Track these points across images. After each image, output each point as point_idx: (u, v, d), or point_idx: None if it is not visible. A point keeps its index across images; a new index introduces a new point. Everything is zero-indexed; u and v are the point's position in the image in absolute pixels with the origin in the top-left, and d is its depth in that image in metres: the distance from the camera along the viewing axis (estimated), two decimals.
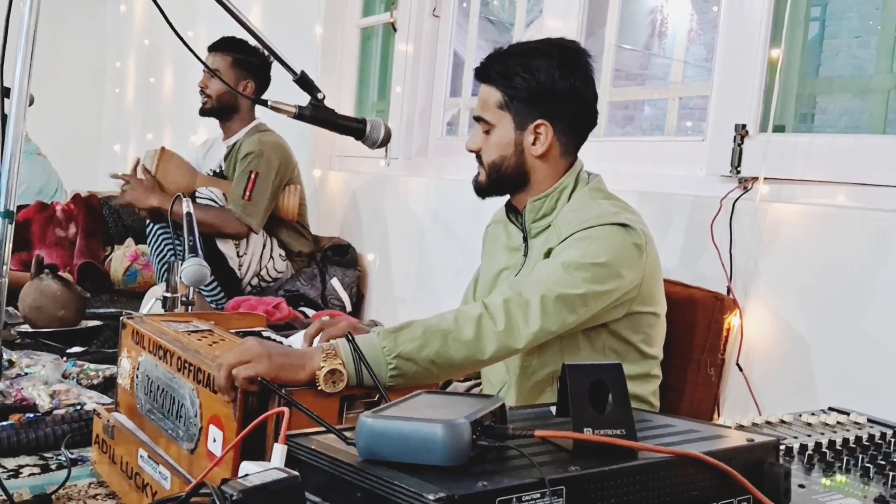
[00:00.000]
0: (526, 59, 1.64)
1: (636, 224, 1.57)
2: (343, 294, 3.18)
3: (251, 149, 3.12)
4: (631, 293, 1.56)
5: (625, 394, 0.90)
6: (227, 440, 1.24)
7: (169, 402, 1.43)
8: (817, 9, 2.17)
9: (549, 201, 1.65)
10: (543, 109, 1.63)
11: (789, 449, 1.11)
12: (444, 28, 3.30)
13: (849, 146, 1.76)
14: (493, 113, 1.66)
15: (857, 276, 1.65)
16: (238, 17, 1.58)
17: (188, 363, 1.36)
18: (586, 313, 1.49)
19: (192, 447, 1.34)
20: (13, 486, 1.55)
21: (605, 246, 1.51)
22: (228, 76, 3.18)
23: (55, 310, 2.72)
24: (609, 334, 1.61)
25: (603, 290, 1.49)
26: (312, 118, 1.71)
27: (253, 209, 3.05)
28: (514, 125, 1.64)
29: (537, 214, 1.67)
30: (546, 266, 1.52)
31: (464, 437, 0.81)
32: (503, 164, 1.66)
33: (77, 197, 4.05)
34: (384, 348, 1.33)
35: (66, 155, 5.29)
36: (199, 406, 1.33)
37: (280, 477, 0.80)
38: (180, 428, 1.38)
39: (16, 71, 1.29)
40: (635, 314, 1.61)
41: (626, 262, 1.52)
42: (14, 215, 1.29)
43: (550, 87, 1.62)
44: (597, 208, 1.59)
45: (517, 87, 1.62)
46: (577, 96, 1.64)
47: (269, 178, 3.10)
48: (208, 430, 1.30)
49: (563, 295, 1.45)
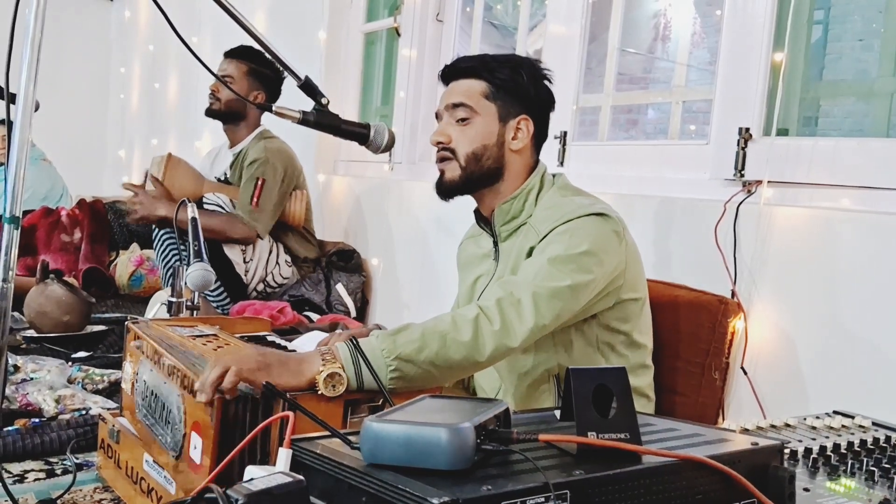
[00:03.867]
0: (503, 60, 1.69)
1: (612, 213, 1.60)
2: (347, 299, 3.19)
3: (257, 156, 3.14)
4: (617, 281, 1.59)
5: (629, 398, 0.90)
6: (205, 447, 1.24)
7: (160, 408, 1.43)
8: (820, 12, 2.17)
9: (517, 203, 1.67)
10: (526, 105, 1.67)
11: (794, 452, 1.11)
12: (447, 33, 3.31)
13: (852, 149, 1.76)
14: (477, 101, 1.66)
15: (861, 280, 1.65)
16: (242, 23, 1.59)
17: (177, 369, 1.36)
18: (577, 304, 1.51)
19: (176, 454, 1.34)
20: (18, 491, 1.56)
21: (586, 236, 1.53)
22: (241, 84, 3.21)
23: (60, 315, 2.73)
24: (600, 326, 1.63)
25: (590, 278, 1.51)
26: (316, 123, 1.71)
27: (260, 215, 3.07)
28: (499, 117, 1.66)
29: (506, 217, 1.68)
30: (532, 264, 1.53)
31: (468, 442, 0.81)
32: (484, 154, 1.66)
33: (82, 202, 4.06)
34: (383, 350, 1.33)
35: (71, 160, 5.30)
36: (183, 412, 1.32)
37: (285, 481, 0.80)
38: (168, 434, 1.38)
39: (21, 77, 1.29)
40: (623, 302, 1.63)
41: (608, 249, 1.55)
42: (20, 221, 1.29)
43: (533, 87, 1.67)
44: (570, 203, 1.62)
45: (504, 79, 1.66)
46: (549, 103, 1.72)
47: (275, 184, 3.11)
48: (190, 437, 1.30)
49: (553, 288, 1.47)
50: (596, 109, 2.53)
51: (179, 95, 5.33)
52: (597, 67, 2.72)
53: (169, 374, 1.39)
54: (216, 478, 0.95)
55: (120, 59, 6.45)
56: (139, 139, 6.04)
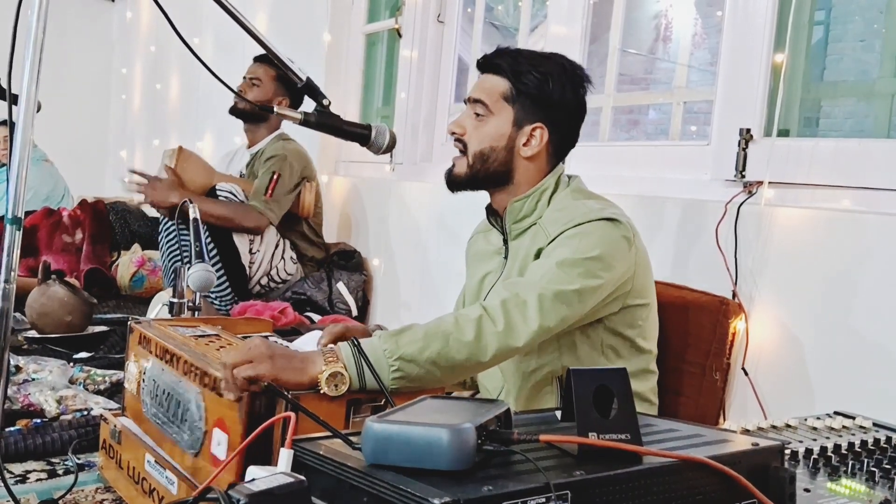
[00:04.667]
0: (538, 63, 1.65)
1: (623, 218, 1.59)
2: (349, 298, 3.20)
3: (275, 153, 3.22)
4: (625, 286, 1.58)
5: (630, 398, 0.90)
6: (231, 443, 1.24)
7: (174, 407, 1.43)
8: (821, 13, 2.17)
9: (529, 202, 1.66)
10: (545, 113, 1.64)
11: (794, 453, 1.11)
12: (448, 34, 3.31)
13: (853, 150, 1.76)
14: (495, 101, 1.65)
15: (863, 280, 1.65)
16: (243, 24, 1.59)
17: (194, 367, 1.37)
18: (583, 308, 1.50)
19: (195, 451, 1.34)
20: (20, 491, 1.56)
21: (595, 241, 1.52)
22: (268, 88, 3.28)
23: (62, 315, 2.73)
24: (605, 330, 1.62)
25: (597, 283, 1.50)
26: (318, 124, 1.71)
27: (274, 205, 3.13)
28: (513, 121, 1.65)
29: (518, 216, 1.67)
30: (540, 266, 1.53)
31: (469, 442, 0.82)
32: (491, 156, 1.66)
33: (84, 203, 4.07)
34: (385, 350, 1.33)
35: (73, 161, 5.31)
36: (204, 410, 1.33)
37: (286, 481, 0.80)
38: (185, 432, 1.38)
39: (23, 78, 1.29)
40: (630, 307, 1.62)
41: (617, 255, 1.54)
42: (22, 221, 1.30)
43: (559, 95, 1.64)
44: (582, 206, 1.61)
45: (528, 84, 1.63)
46: (578, 112, 1.68)
47: (290, 180, 3.18)
48: (212, 434, 1.30)
49: (560, 291, 1.46)
50: (597, 110, 2.53)
51: (181, 96, 5.34)
52: (598, 68, 2.72)
53: (185, 373, 1.39)
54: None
55: (121, 59, 6.46)
56: (141, 140, 6.05)
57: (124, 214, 4.14)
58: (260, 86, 3.26)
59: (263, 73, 3.28)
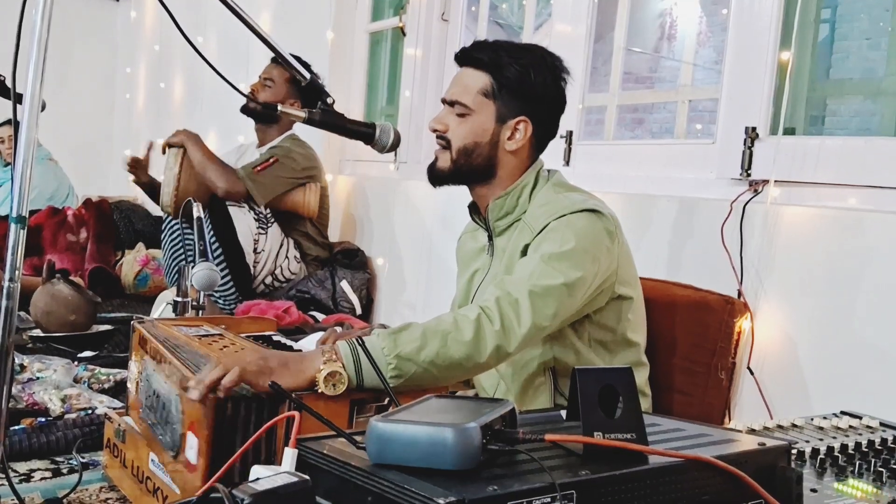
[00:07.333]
0: (518, 55, 1.63)
1: (606, 210, 1.59)
2: (353, 297, 3.20)
3: (280, 145, 3.23)
4: (610, 279, 1.58)
5: (635, 398, 0.90)
6: (199, 447, 1.24)
7: (160, 408, 1.43)
8: (827, 11, 2.16)
9: (510, 199, 1.66)
10: (528, 106, 1.63)
11: (801, 453, 1.10)
12: (452, 32, 3.30)
13: (859, 148, 1.76)
14: (474, 99, 1.63)
15: (869, 279, 1.65)
16: (248, 23, 1.59)
17: (175, 369, 1.36)
18: (574, 301, 1.51)
19: (174, 453, 1.34)
20: (25, 490, 1.56)
21: (579, 233, 1.52)
22: (280, 89, 3.25)
23: (66, 314, 2.73)
24: (592, 325, 1.63)
25: (584, 275, 1.50)
26: (322, 123, 1.71)
27: (258, 180, 3.09)
28: (496, 116, 1.63)
29: (500, 213, 1.67)
30: (527, 262, 1.53)
31: (474, 442, 0.81)
32: (475, 151, 1.65)
33: (88, 202, 4.08)
34: (384, 349, 1.33)
35: (77, 160, 5.32)
36: (181, 412, 1.32)
37: (291, 481, 0.80)
38: (168, 433, 1.38)
39: (28, 77, 1.29)
40: (616, 300, 1.62)
41: (601, 246, 1.55)
42: (26, 220, 1.30)
43: (541, 87, 1.63)
44: (565, 199, 1.60)
45: (509, 77, 1.62)
46: (559, 103, 1.67)
47: (287, 172, 3.16)
48: (187, 437, 1.29)
49: (549, 287, 1.46)
50: (602, 109, 2.53)
51: (185, 95, 5.34)
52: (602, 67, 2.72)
53: (169, 375, 1.39)
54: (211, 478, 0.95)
55: (126, 59, 6.46)
56: (145, 139, 6.03)
57: (128, 213, 4.15)
58: (272, 87, 3.24)
59: (277, 75, 3.26)
